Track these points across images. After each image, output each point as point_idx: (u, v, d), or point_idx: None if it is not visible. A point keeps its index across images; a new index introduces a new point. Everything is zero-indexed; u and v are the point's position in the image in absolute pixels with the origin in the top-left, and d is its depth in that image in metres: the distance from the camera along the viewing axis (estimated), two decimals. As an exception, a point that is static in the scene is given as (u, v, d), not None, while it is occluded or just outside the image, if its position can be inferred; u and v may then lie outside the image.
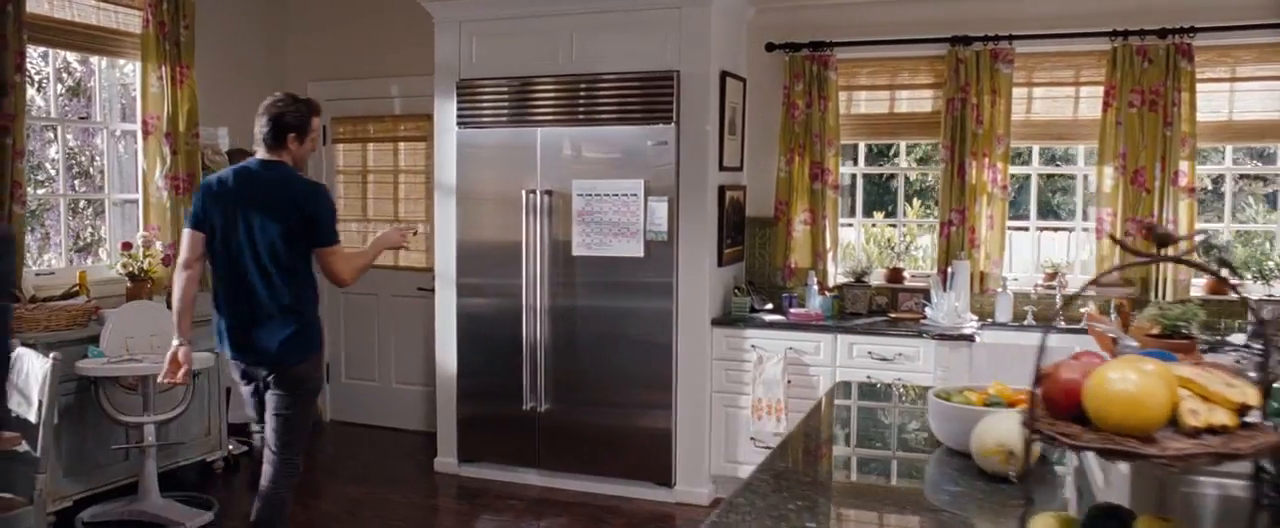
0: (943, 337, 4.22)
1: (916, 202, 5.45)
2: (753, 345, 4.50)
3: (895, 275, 4.85)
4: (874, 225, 5.12)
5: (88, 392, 4.24)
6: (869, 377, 4.33)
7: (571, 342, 4.70)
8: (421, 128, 5.67)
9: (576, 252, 4.63)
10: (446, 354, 4.99)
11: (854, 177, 5.07)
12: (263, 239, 3.21)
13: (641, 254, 4.52)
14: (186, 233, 3.34)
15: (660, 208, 4.47)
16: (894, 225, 5.14)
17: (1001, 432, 1.94)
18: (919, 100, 4.81)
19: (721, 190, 4.65)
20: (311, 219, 3.22)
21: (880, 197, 5.61)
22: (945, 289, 4.46)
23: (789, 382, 4.41)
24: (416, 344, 5.81)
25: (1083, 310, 4.38)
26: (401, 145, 5.78)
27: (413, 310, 5.79)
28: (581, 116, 4.61)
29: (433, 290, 5.25)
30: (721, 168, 4.65)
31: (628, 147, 4.54)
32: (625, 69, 4.52)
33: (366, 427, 5.97)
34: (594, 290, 4.63)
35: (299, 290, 3.28)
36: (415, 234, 5.18)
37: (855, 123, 4.91)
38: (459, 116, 4.81)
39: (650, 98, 4.48)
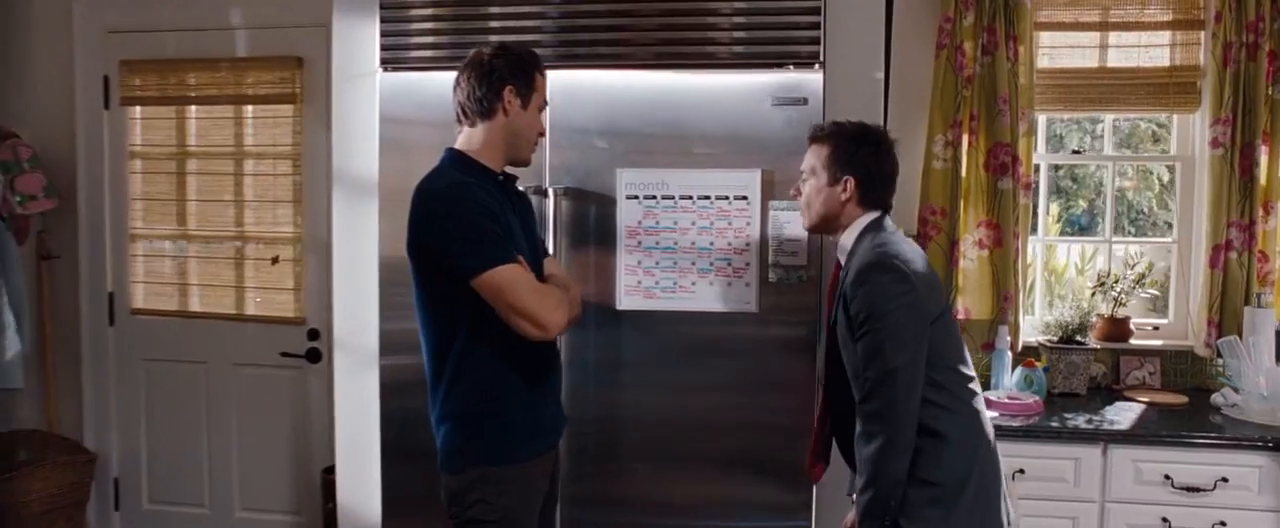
0: (1310, 451, 2.42)
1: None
2: (950, 467, 2.55)
3: (1117, 330, 3.02)
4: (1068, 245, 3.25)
5: None
6: (1166, 521, 2.48)
7: (616, 468, 2.55)
8: (287, 79, 3.32)
9: (625, 303, 2.50)
10: (359, 472, 2.73)
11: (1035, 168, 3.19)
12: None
13: (754, 307, 2.46)
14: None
15: (793, 221, 2.42)
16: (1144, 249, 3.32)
17: None
18: (1151, 49, 3.02)
19: (885, 191, 2.67)
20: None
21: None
22: (1249, 356, 2.68)
23: (1017, 531, 2.49)
24: (277, 445, 3.45)
25: None
26: (249, 110, 3.38)
27: (270, 390, 3.41)
28: (632, 54, 2.49)
29: (309, 358, 3.32)
30: (881, 151, 2.66)
31: (731, 111, 2.45)
32: (718, -32, 2.46)
33: (186, 585, 3.54)
34: (659, 377, 2.51)
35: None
36: (275, 263, 3.25)
37: (1044, 83, 3.06)
38: (384, 51, 2.58)
39: (774, 26, 2.44)
